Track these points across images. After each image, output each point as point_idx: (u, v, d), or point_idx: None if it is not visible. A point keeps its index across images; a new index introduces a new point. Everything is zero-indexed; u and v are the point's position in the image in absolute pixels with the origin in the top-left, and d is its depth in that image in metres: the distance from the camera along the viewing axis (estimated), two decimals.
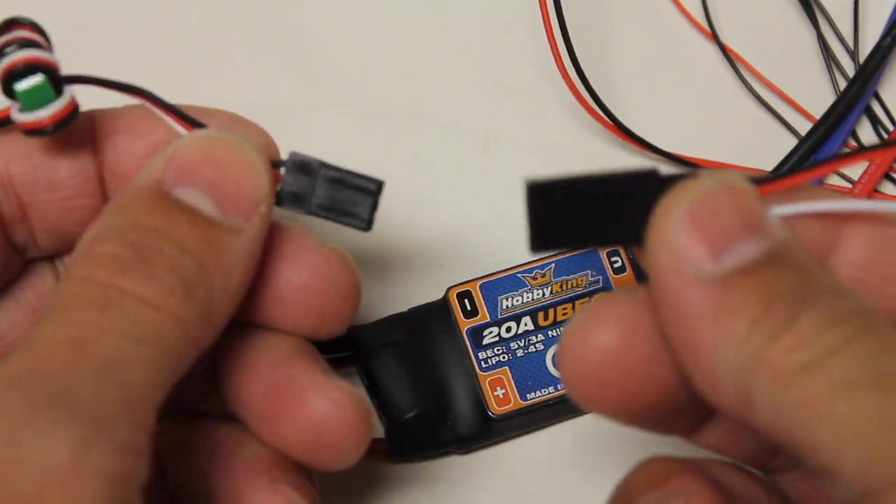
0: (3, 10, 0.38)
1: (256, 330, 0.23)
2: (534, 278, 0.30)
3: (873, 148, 0.20)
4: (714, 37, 0.38)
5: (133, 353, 0.18)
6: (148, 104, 0.21)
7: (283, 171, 0.21)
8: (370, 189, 0.21)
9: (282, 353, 0.22)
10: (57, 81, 0.20)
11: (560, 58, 0.33)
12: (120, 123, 0.23)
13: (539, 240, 0.20)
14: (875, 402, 0.16)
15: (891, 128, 0.36)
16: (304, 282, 0.22)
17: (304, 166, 0.21)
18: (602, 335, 0.20)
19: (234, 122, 0.22)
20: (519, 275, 0.30)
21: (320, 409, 0.21)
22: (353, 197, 0.21)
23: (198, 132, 0.21)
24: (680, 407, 0.21)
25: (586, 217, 0.20)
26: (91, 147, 0.22)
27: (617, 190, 0.20)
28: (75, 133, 0.22)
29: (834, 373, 0.16)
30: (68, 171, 0.22)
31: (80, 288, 0.19)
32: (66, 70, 0.21)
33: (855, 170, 0.35)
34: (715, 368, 0.18)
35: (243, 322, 0.23)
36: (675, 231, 0.18)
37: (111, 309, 0.18)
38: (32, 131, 0.20)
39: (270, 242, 0.22)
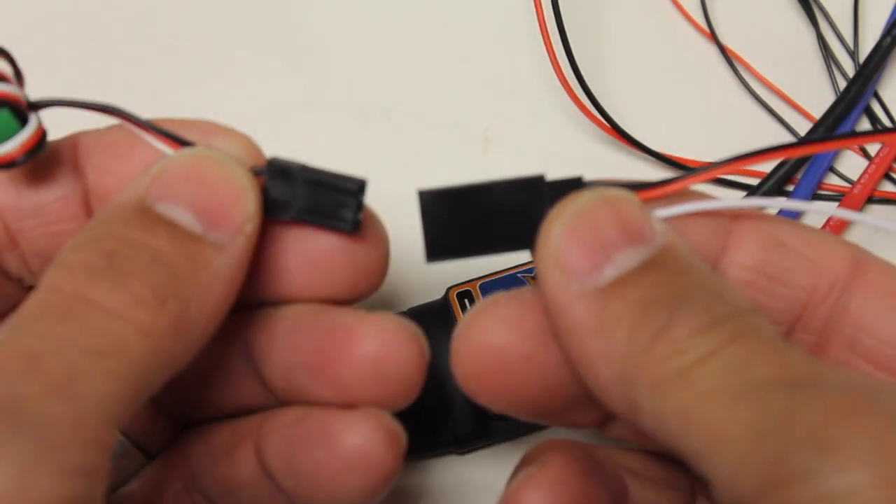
0: (3, 11, 0.38)
1: (285, 304, 0.22)
2: (533, 278, 0.30)
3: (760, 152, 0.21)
4: (713, 37, 0.38)
5: (91, 367, 0.17)
6: (123, 122, 0.21)
7: (263, 178, 0.21)
8: (352, 189, 0.21)
9: (319, 307, 0.22)
10: (19, 113, 0.20)
11: (557, 59, 0.33)
12: (102, 143, 0.22)
13: (434, 249, 0.20)
14: (741, 413, 0.16)
15: (891, 127, 0.36)
16: (326, 250, 0.21)
17: (284, 171, 0.21)
18: (485, 333, 0.20)
19: (213, 132, 0.22)
20: (518, 274, 0.30)
21: (375, 342, 0.21)
22: (336, 199, 0.21)
23: (185, 150, 0.20)
24: (571, 402, 0.21)
25: (479, 225, 0.20)
26: (74, 170, 0.22)
27: (506, 198, 0.20)
28: (57, 156, 0.22)
29: (704, 381, 0.17)
30: (52, 195, 0.22)
31: (45, 297, 0.18)
32: (62, 76, 0.21)
33: (855, 170, 0.35)
34: (602, 378, 0.18)
35: (275, 301, 0.22)
36: (556, 247, 0.19)
37: (72, 319, 0.17)
38: (3, 165, 0.20)
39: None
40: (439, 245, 0.20)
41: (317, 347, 0.21)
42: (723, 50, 0.37)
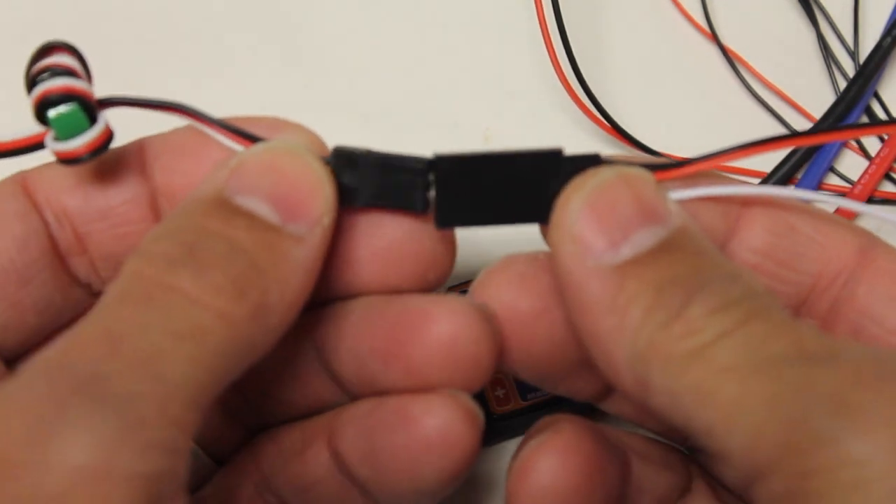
0: (3, 11, 0.38)
1: (352, 298, 0.22)
2: None
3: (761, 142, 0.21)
4: (714, 37, 0.38)
5: (173, 349, 0.17)
6: (193, 121, 0.21)
7: (330, 166, 0.20)
8: (419, 169, 0.20)
9: (388, 297, 0.22)
10: (90, 110, 0.20)
11: (557, 59, 0.33)
12: (169, 145, 0.22)
13: (446, 215, 0.20)
14: (758, 385, 0.16)
15: None
16: (397, 239, 0.21)
17: (350, 159, 0.20)
18: (500, 288, 0.21)
19: (280, 127, 0.22)
20: None
21: (448, 324, 0.20)
22: (404, 181, 0.20)
23: (260, 144, 0.20)
24: (575, 367, 0.21)
25: (493, 195, 0.20)
26: (141, 172, 0.22)
27: (522, 169, 0.20)
28: (124, 159, 0.22)
29: (720, 358, 0.17)
30: (119, 198, 0.22)
31: (127, 283, 0.18)
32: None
33: (855, 170, 0.35)
34: (614, 355, 0.18)
35: (343, 295, 0.22)
36: (574, 222, 0.19)
37: (154, 304, 0.17)
38: (67, 160, 0.20)
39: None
40: (451, 211, 0.20)
41: (388, 333, 0.21)
42: (723, 50, 0.37)
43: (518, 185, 0.20)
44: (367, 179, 0.20)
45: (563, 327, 0.21)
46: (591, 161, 0.20)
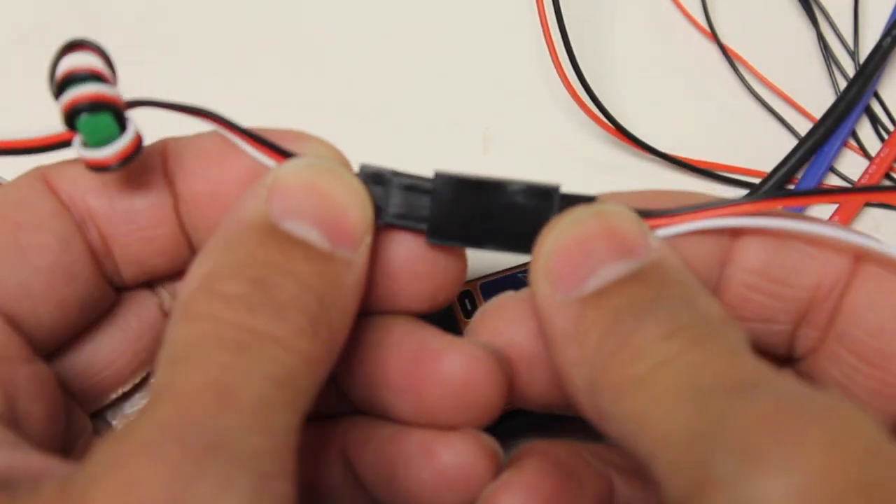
0: (3, 11, 0.38)
1: (370, 315, 0.23)
2: None
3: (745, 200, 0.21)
4: (714, 36, 0.38)
5: (275, 398, 0.17)
6: (217, 126, 0.21)
7: None
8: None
9: (406, 326, 0.22)
10: (121, 117, 0.20)
11: (558, 59, 0.33)
12: (192, 150, 0.22)
13: (436, 230, 0.21)
14: (683, 416, 0.16)
15: (891, 128, 0.36)
16: (411, 259, 0.22)
17: (376, 177, 0.21)
18: (494, 332, 0.22)
19: (300, 140, 0.22)
20: (519, 275, 0.30)
21: (461, 366, 0.21)
22: (426, 201, 0.21)
23: (297, 161, 0.20)
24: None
25: (485, 219, 0.21)
26: (164, 176, 0.22)
27: (517, 199, 0.21)
28: (148, 163, 0.22)
29: (657, 386, 0.17)
30: (144, 201, 0.22)
31: (211, 329, 0.18)
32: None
33: (855, 170, 0.35)
34: (575, 386, 0.19)
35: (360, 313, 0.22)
36: (546, 259, 0.20)
37: (248, 351, 0.17)
38: (97, 169, 0.20)
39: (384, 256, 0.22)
40: (442, 228, 0.21)
41: (402, 368, 0.21)
42: (723, 49, 0.37)
43: (511, 214, 0.21)
44: (391, 199, 0.21)
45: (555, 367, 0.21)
46: (586, 201, 0.20)
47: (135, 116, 0.20)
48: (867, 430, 0.15)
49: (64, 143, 0.20)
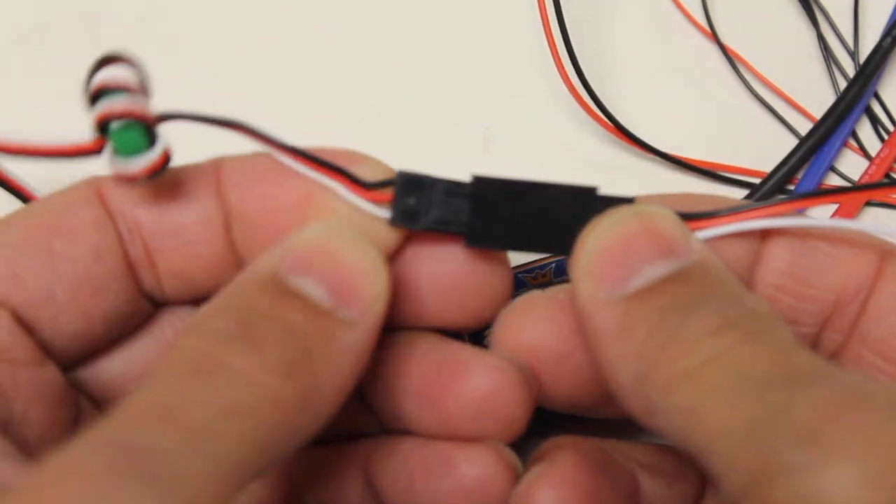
0: (3, 11, 0.38)
1: (396, 330, 0.23)
2: (534, 278, 0.30)
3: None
4: (714, 36, 0.38)
5: (225, 427, 0.16)
6: (252, 138, 0.21)
7: (393, 189, 0.21)
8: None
9: (431, 339, 0.22)
10: (150, 132, 0.20)
11: (559, 58, 0.33)
12: (246, 168, 0.22)
13: (476, 234, 0.21)
14: (740, 407, 0.16)
15: (891, 128, 0.36)
16: (447, 278, 0.22)
17: (415, 183, 0.21)
18: (521, 332, 0.22)
19: (355, 160, 0.22)
20: (519, 275, 0.30)
21: (486, 379, 0.21)
22: (465, 206, 0.21)
23: (318, 226, 0.20)
24: (603, 398, 0.22)
25: (524, 222, 0.21)
26: (216, 192, 0.22)
27: (556, 202, 0.21)
28: (200, 178, 0.22)
29: (710, 379, 0.17)
30: (193, 216, 0.21)
31: (181, 356, 0.18)
32: (63, 77, 0.21)
33: (856, 169, 0.35)
34: (622, 381, 0.19)
35: (398, 327, 0.22)
36: (588, 259, 0.20)
37: (207, 378, 0.17)
38: (125, 181, 0.20)
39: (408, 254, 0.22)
40: (481, 231, 0.21)
41: (426, 378, 0.21)
42: (723, 49, 0.37)
43: (549, 216, 0.21)
44: (430, 205, 0.21)
45: (588, 364, 0.21)
46: (625, 203, 0.21)
47: (166, 130, 0.20)
48: None
49: (93, 152, 0.20)
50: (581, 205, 0.21)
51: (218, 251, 0.22)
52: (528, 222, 0.21)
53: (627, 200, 0.21)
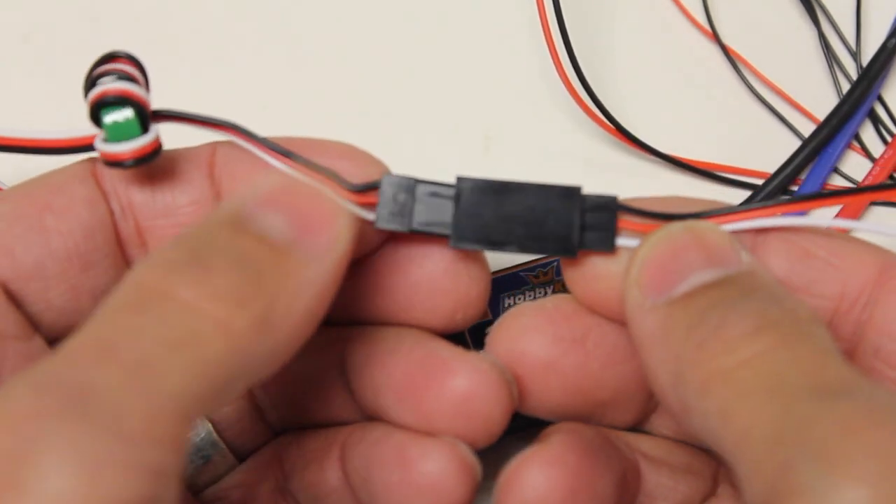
0: (4, 11, 0.38)
1: (384, 325, 0.23)
2: (536, 277, 0.30)
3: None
4: (715, 37, 0.37)
5: (167, 359, 0.16)
6: (240, 139, 0.21)
7: (379, 192, 0.21)
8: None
9: (418, 336, 0.22)
10: (144, 118, 0.20)
11: (558, 59, 0.33)
12: (241, 155, 0.22)
13: (460, 235, 0.21)
14: (769, 415, 0.16)
15: (894, 130, 0.36)
16: (434, 273, 0.22)
17: (400, 185, 0.21)
18: (510, 342, 0.22)
19: (347, 154, 0.22)
20: (521, 273, 0.30)
21: (466, 380, 0.21)
22: (449, 207, 0.21)
23: (283, 172, 0.20)
24: (599, 405, 0.22)
25: (509, 221, 0.21)
26: (209, 176, 0.22)
27: (539, 201, 0.21)
28: (194, 161, 0.22)
29: (745, 381, 0.17)
30: (186, 198, 0.22)
31: (124, 291, 0.17)
32: (63, 77, 0.21)
33: (859, 171, 0.35)
34: (662, 384, 0.19)
35: (373, 321, 0.22)
36: (637, 270, 0.20)
37: (149, 311, 0.17)
38: (111, 163, 0.20)
39: (402, 252, 0.22)
40: (466, 232, 0.21)
41: (408, 374, 0.21)
42: (724, 50, 0.37)
43: (533, 216, 0.21)
44: (416, 206, 0.21)
45: (578, 372, 0.21)
46: (609, 201, 0.21)
47: (160, 127, 0.21)
48: None
49: (86, 147, 0.21)
50: (565, 204, 0.21)
51: None
52: (513, 223, 0.21)
53: (611, 199, 0.21)
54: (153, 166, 0.21)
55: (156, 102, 0.21)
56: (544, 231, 0.21)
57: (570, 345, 0.21)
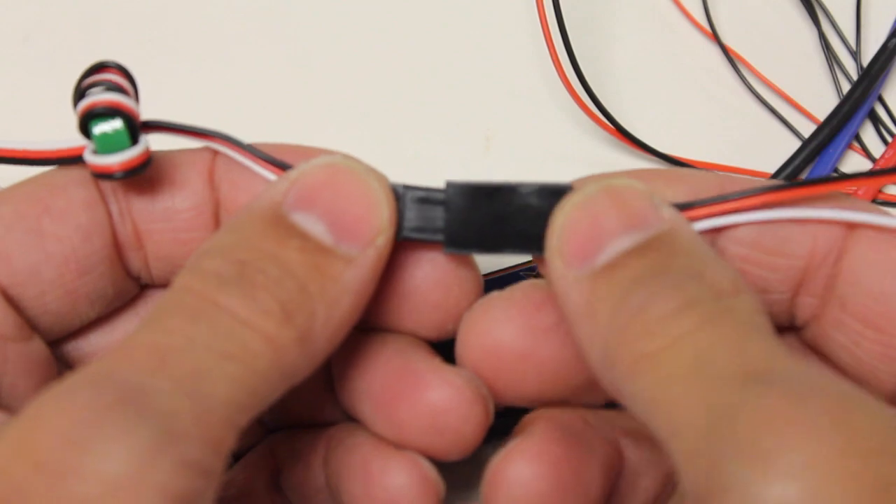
0: (4, 11, 0.38)
1: (370, 330, 0.23)
2: (536, 276, 0.30)
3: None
4: (715, 37, 0.37)
5: (217, 368, 0.17)
6: (228, 149, 0.21)
7: None
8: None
9: (398, 344, 0.22)
10: (134, 129, 0.20)
11: (558, 59, 0.33)
12: (238, 161, 0.22)
13: (453, 239, 0.21)
14: (693, 404, 0.16)
15: (894, 130, 0.36)
16: (426, 283, 0.22)
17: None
18: (481, 334, 0.21)
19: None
20: (521, 273, 0.30)
21: (439, 393, 0.21)
22: (440, 212, 0.21)
23: (324, 158, 0.20)
24: (573, 388, 0.22)
25: (500, 223, 0.21)
26: (209, 182, 0.22)
27: (531, 201, 0.21)
28: (194, 167, 0.22)
29: (667, 366, 0.16)
30: (185, 204, 0.22)
31: (177, 298, 0.18)
32: (63, 77, 0.21)
33: (860, 170, 0.35)
34: (593, 360, 0.18)
35: (363, 327, 0.22)
36: (558, 238, 0.19)
37: (202, 321, 0.17)
38: (100, 175, 0.20)
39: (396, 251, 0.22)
40: (459, 237, 0.21)
41: (385, 385, 0.22)
42: (724, 50, 0.37)
43: (525, 216, 0.21)
44: (406, 213, 0.21)
45: (551, 358, 0.21)
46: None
47: (149, 138, 0.21)
48: (883, 426, 0.15)
49: (75, 159, 0.21)
50: (554, 203, 0.20)
51: (205, 238, 0.22)
52: (505, 224, 0.21)
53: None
54: (153, 170, 0.21)
55: (155, 102, 0.21)
56: (538, 231, 0.20)
57: (543, 334, 0.21)
